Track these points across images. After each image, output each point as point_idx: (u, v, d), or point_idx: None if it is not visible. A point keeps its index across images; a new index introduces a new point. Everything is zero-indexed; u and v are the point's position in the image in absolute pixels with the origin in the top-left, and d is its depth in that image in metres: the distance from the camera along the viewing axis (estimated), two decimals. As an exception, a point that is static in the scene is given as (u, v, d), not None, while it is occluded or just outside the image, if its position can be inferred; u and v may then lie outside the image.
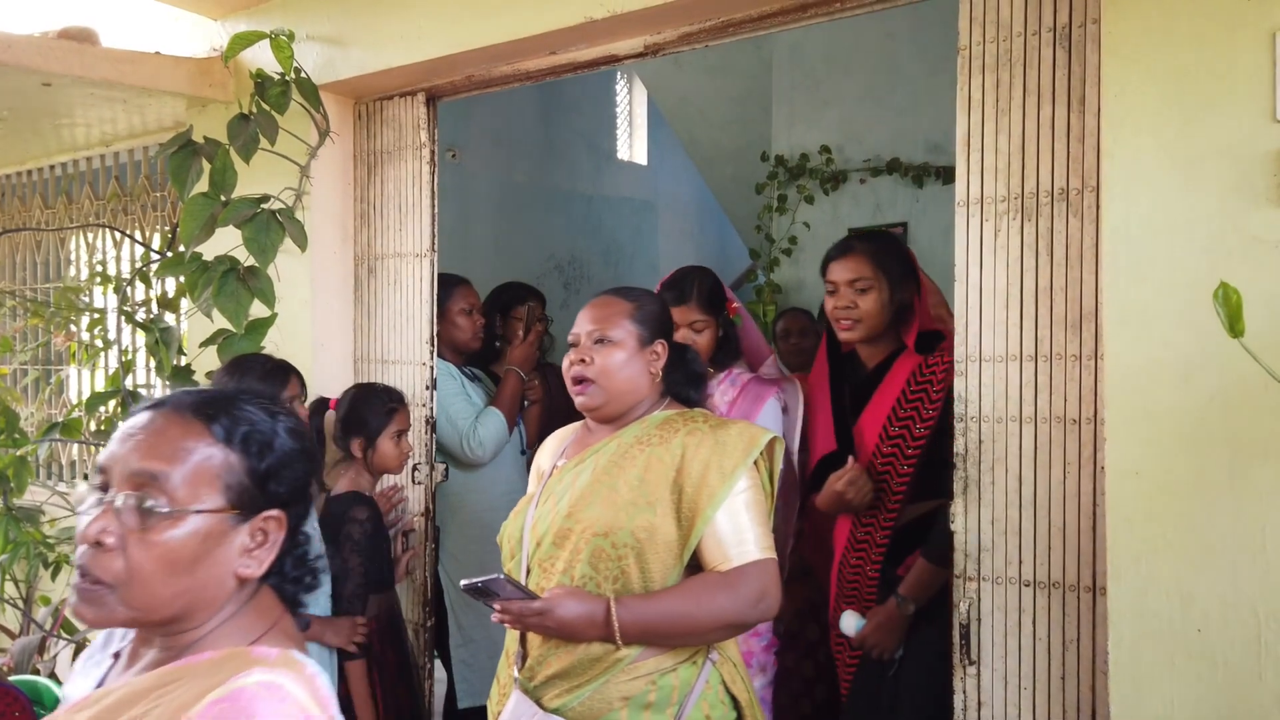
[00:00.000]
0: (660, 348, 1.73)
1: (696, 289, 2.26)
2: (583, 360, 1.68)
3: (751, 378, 2.32)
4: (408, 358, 2.77)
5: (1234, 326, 1.30)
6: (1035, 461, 1.79)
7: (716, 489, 1.56)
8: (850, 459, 2.07)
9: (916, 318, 2.12)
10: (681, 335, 2.16)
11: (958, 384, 1.86)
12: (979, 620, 1.83)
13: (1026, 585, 1.79)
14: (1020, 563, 1.80)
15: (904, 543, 2.11)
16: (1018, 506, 1.80)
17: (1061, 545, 1.76)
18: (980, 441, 1.83)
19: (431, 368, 2.72)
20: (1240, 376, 1.50)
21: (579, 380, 1.70)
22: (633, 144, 7.78)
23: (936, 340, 2.11)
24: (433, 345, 2.73)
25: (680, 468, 1.59)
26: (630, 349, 1.69)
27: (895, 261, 2.13)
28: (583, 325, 1.71)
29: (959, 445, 1.85)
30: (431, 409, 2.70)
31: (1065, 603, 1.76)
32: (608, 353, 1.68)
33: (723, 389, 2.28)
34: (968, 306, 1.85)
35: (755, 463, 1.61)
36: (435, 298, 2.74)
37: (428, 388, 2.70)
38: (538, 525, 1.68)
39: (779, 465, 1.67)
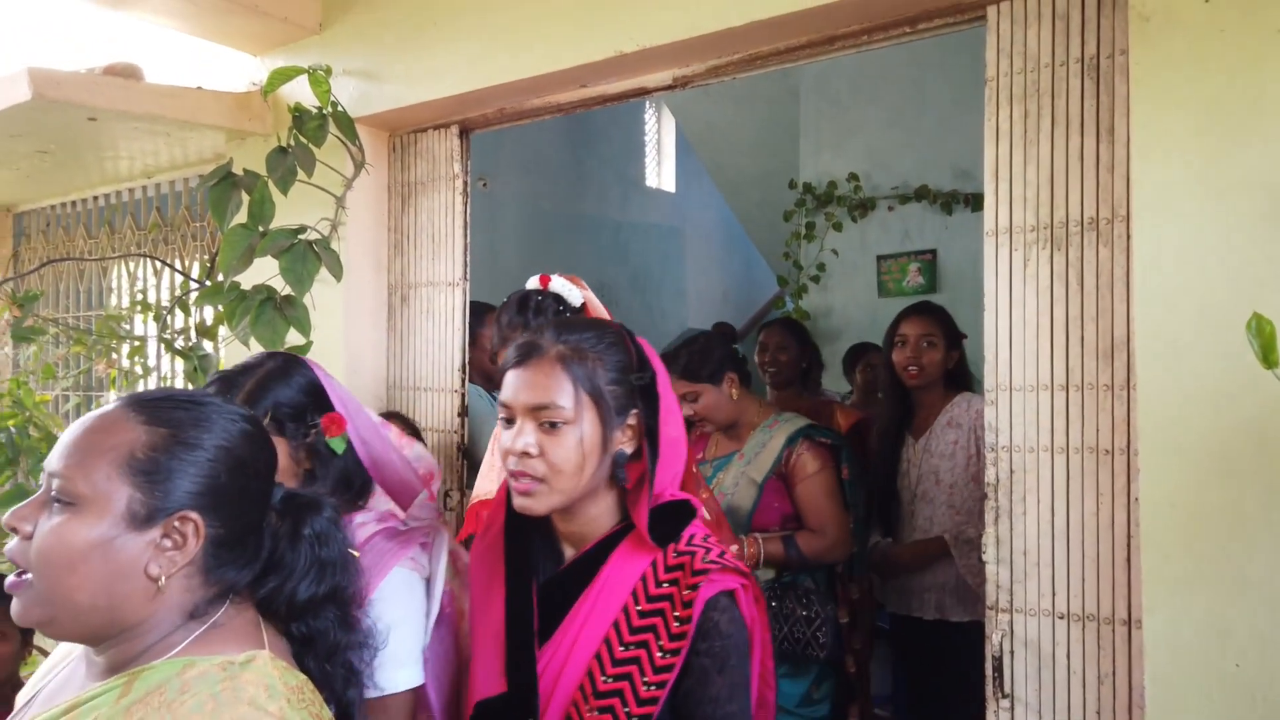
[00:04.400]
0: (177, 535, 0.97)
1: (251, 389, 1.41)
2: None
3: (381, 530, 1.52)
4: (440, 385, 2.80)
5: (1268, 357, 1.30)
6: (1068, 492, 1.78)
7: None
8: None
9: (647, 477, 1.32)
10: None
11: (988, 413, 1.85)
12: (1011, 653, 1.82)
13: (1060, 618, 1.77)
14: (1053, 594, 1.78)
15: None
16: (1050, 537, 1.79)
17: (1095, 577, 1.74)
18: (1011, 472, 1.83)
19: (463, 395, 2.75)
20: (1275, 407, 1.49)
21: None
22: (660, 171, 7.85)
23: (683, 516, 1.34)
24: (464, 372, 2.76)
25: None
26: (106, 529, 0.94)
27: (597, 368, 1.32)
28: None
29: (989, 475, 1.85)
30: (463, 435, 2.73)
31: (1100, 636, 1.74)
32: (58, 529, 0.95)
33: None
34: (997, 336, 1.85)
35: None
36: (467, 326, 2.78)
37: (459, 414, 2.73)
38: None
39: None
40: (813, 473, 2.45)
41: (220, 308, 2.73)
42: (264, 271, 2.57)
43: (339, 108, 2.62)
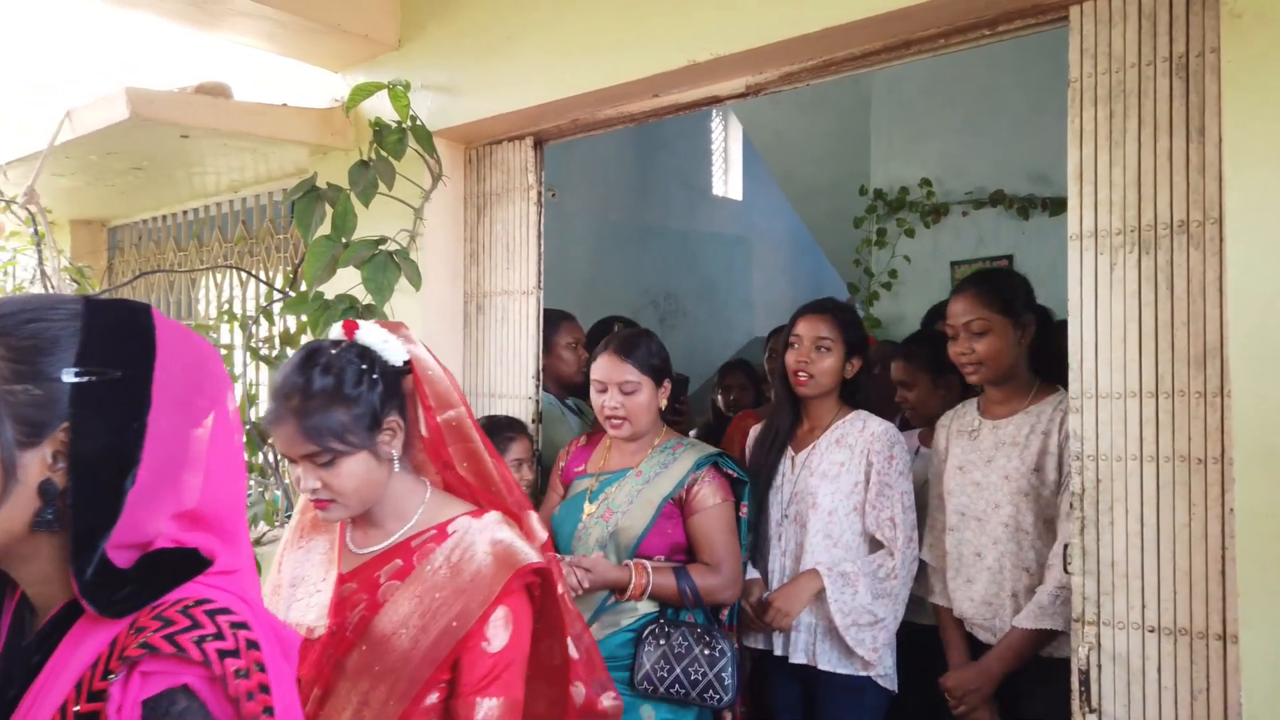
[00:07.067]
0: None
1: None
2: None
3: None
4: (514, 391, 2.84)
5: (1376, 363, 1.25)
6: (1158, 502, 1.73)
7: None
8: None
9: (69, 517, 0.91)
10: None
11: (1072, 420, 1.81)
12: (1099, 667, 1.77)
13: (1150, 631, 1.72)
14: (1143, 607, 1.73)
15: None
16: (1139, 549, 1.74)
17: (1188, 590, 1.69)
18: (1098, 481, 1.78)
19: (537, 401, 2.79)
20: (1383, 415, 1.43)
21: None
22: (727, 180, 7.84)
23: (176, 571, 0.93)
24: (538, 380, 2.80)
25: None
26: None
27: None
28: None
29: (1075, 484, 1.81)
30: (537, 442, 2.77)
31: (1193, 650, 1.68)
32: None
33: None
34: (1082, 341, 1.81)
35: None
36: (541, 333, 2.82)
37: (533, 420, 2.77)
38: None
39: None
40: (714, 504, 2.19)
41: (304, 317, 2.81)
42: (346, 281, 2.64)
43: (418, 121, 2.68)
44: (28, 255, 3.14)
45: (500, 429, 2.57)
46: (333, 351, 1.45)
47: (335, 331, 1.51)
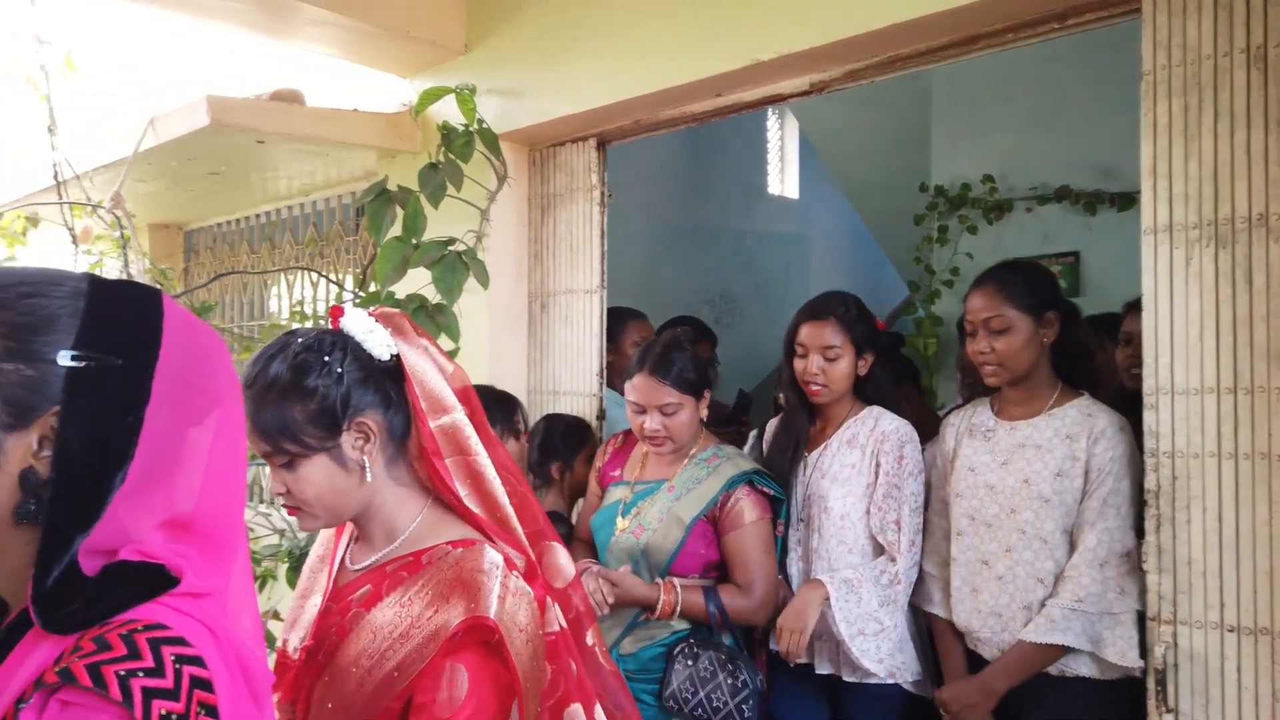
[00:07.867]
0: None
1: None
2: None
3: None
4: (578, 389, 2.89)
5: None
6: (1236, 499, 1.70)
7: None
8: None
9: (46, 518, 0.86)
10: None
11: (1147, 417, 1.79)
12: (1176, 666, 1.75)
13: (1230, 630, 1.69)
14: (1222, 606, 1.70)
15: None
16: (1217, 547, 1.71)
17: (1269, 589, 1.66)
18: (1174, 478, 1.76)
19: (600, 399, 2.83)
20: None
21: None
22: (784, 179, 7.81)
23: (136, 586, 0.83)
24: (602, 378, 2.84)
25: None
26: None
27: None
28: None
29: (1150, 482, 1.78)
30: (601, 439, 2.81)
31: (1274, 650, 1.65)
32: None
33: None
34: (1157, 337, 1.79)
35: None
36: (604, 332, 2.86)
37: (597, 418, 2.81)
38: None
39: None
40: (749, 522, 2.13)
41: (375, 316, 2.87)
42: (414, 282, 2.70)
43: (484, 125, 2.73)
44: (113, 259, 3.27)
45: (569, 427, 2.65)
46: (300, 339, 1.27)
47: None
